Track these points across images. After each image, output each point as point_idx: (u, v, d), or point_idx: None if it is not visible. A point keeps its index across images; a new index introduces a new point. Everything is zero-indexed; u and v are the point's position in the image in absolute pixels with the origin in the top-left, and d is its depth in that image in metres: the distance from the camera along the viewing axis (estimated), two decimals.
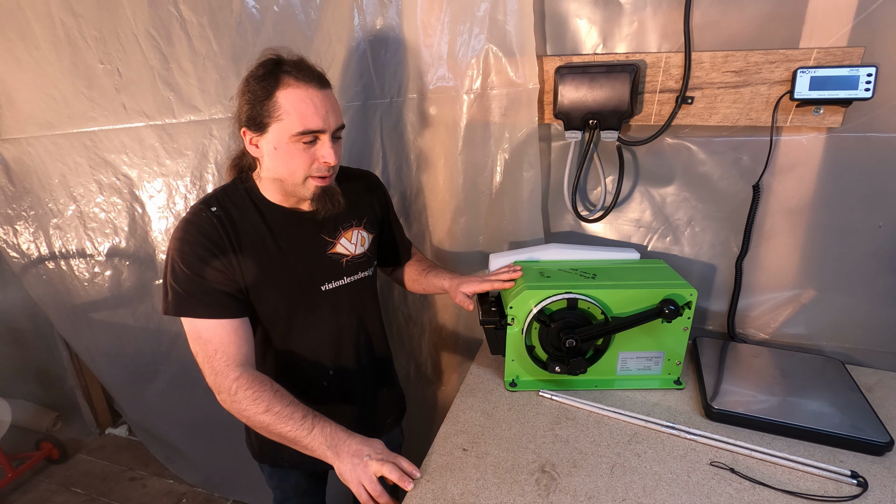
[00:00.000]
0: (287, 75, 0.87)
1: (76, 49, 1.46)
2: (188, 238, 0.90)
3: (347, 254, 1.05)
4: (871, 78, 0.90)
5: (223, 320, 0.90)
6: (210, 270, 0.90)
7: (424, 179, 1.33)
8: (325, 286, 1.02)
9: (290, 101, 0.86)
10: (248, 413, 0.87)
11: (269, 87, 0.86)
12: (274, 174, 0.93)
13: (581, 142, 1.16)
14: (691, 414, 0.97)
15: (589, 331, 0.97)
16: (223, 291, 0.91)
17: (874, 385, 1.02)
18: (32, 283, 1.95)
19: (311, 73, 0.89)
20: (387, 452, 0.85)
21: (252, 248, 0.94)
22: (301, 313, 1.01)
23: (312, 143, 0.89)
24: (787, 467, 0.83)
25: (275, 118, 0.87)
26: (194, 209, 0.93)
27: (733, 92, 1.02)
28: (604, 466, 0.84)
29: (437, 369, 1.58)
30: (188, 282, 0.89)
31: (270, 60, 0.89)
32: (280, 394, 0.88)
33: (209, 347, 0.89)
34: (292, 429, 0.85)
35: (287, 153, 0.89)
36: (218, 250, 0.90)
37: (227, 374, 0.88)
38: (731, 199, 1.11)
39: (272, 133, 0.88)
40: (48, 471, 2.28)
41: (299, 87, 0.86)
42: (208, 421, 1.89)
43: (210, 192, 0.98)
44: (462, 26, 1.13)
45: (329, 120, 0.89)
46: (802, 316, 1.13)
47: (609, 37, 1.08)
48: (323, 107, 0.88)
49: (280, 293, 0.98)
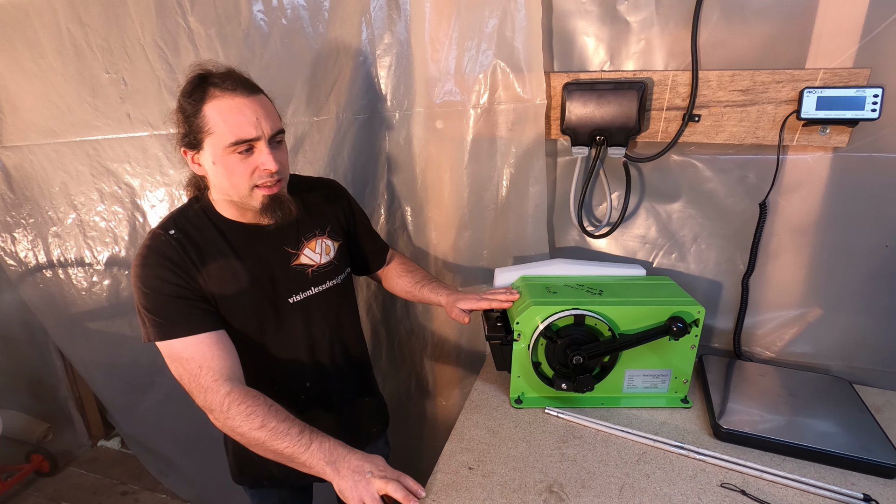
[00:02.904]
0: (213, 87, 0.85)
1: (82, 58, 1.46)
2: (149, 262, 0.88)
3: (312, 264, 1.03)
4: (877, 99, 0.91)
5: (200, 335, 0.87)
6: (176, 288, 0.88)
7: (430, 193, 1.33)
8: (293, 298, 1.00)
9: (217, 113, 0.84)
10: (243, 430, 0.83)
11: (197, 101, 0.85)
12: (220, 189, 0.91)
13: (587, 157, 1.17)
14: (699, 433, 0.95)
15: (596, 348, 0.96)
16: (194, 306, 0.89)
17: (882, 406, 1.01)
18: (29, 291, 1.93)
19: (238, 81, 0.86)
20: (389, 469, 0.83)
21: (215, 266, 0.92)
22: (271, 328, 0.99)
23: (249, 151, 0.87)
24: (798, 490, 0.81)
25: (206, 132, 0.85)
26: (152, 235, 0.91)
27: (740, 110, 1.02)
28: (613, 487, 0.83)
29: (438, 384, 1.56)
30: (157, 304, 0.87)
31: (197, 76, 0.87)
32: (275, 409, 0.85)
33: (192, 366, 0.86)
34: (289, 445, 0.81)
35: (226, 166, 0.87)
36: (181, 270, 0.88)
37: (216, 389, 0.85)
38: (737, 216, 1.11)
39: (207, 148, 0.87)
40: (38, 484, 2.24)
41: (225, 96, 0.84)
42: (203, 434, 1.85)
43: (167, 215, 0.96)
44: (470, 42, 1.14)
45: (262, 126, 0.86)
46: (809, 335, 1.13)
47: (616, 54, 1.09)
48: (253, 113, 0.85)
49: (248, 309, 0.96)
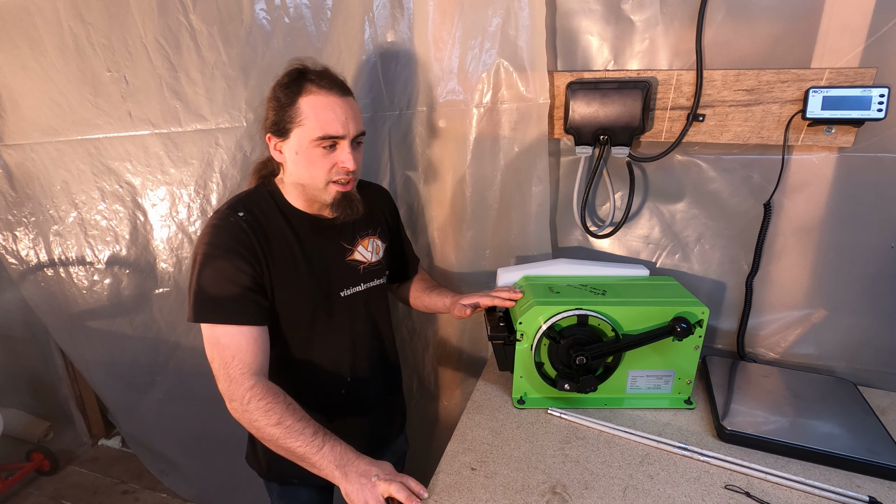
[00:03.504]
0: (310, 83, 0.91)
1: (83, 56, 1.46)
2: (218, 242, 0.91)
3: (364, 261, 1.07)
4: (883, 98, 0.91)
5: (244, 327, 0.90)
6: (240, 274, 0.90)
7: (432, 192, 1.33)
8: (344, 292, 1.04)
9: (311, 107, 0.90)
10: (259, 424, 0.85)
11: (293, 94, 0.90)
12: (296, 179, 0.96)
13: (591, 157, 1.16)
14: (703, 434, 0.95)
15: (600, 348, 0.95)
16: (250, 297, 0.91)
17: (887, 407, 1.01)
18: (30, 290, 1.93)
19: (334, 82, 0.92)
20: (394, 473, 0.83)
21: (279, 253, 0.95)
22: (322, 319, 1.02)
23: (332, 148, 0.92)
24: (803, 492, 0.81)
25: (296, 123, 0.90)
26: (221, 214, 0.94)
27: (745, 110, 1.02)
28: (616, 489, 0.82)
29: (440, 384, 1.56)
30: (216, 286, 0.90)
31: (296, 70, 0.93)
32: (292, 408, 0.87)
33: (226, 353, 0.88)
34: (302, 444, 0.83)
35: (308, 158, 0.92)
36: (248, 253, 0.91)
37: (241, 381, 0.87)
38: (741, 216, 1.11)
39: (294, 138, 0.92)
40: (38, 483, 2.23)
41: (320, 93, 0.90)
42: (204, 434, 1.86)
43: (234, 197, 0.99)
44: (473, 41, 1.13)
45: (349, 126, 0.92)
46: (813, 336, 1.12)
47: (620, 53, 1.08)
48: (343, 113, 0.91)
49: (303, 298, 0.99)
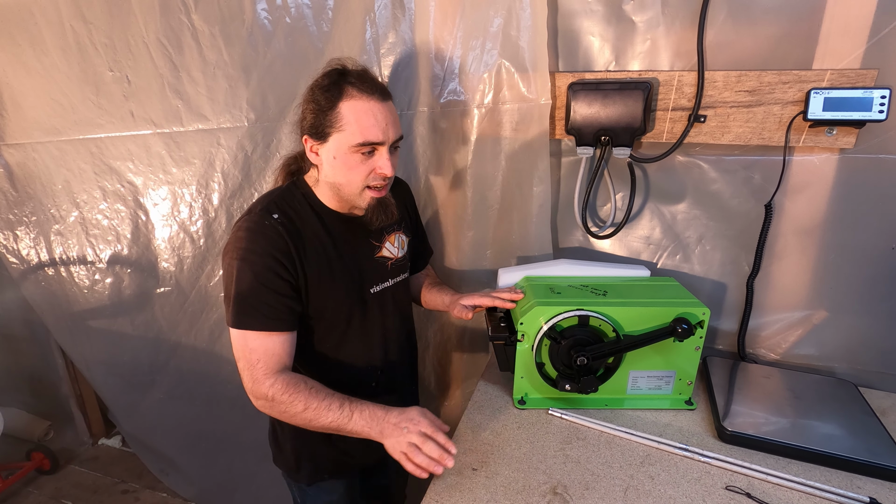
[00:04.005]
0: (351, 86, 0.88)
1: (85, 56, 1.46)
2: (255, 248, 0.90)
3: (392, 257, 1.07)
4: (884, 100, 0.91)
5: (274, 333, 0.91)
6: (276, 280, 0.90)
7: (433, 192, 1.33)
8: (374, 289, 1.05)
9: (352, 113, 0.88)
10: (288, 414, 0.90)
11: (333, 97, 0.88)
12: (332, 181, 0.94)
13: (592, 158, 1.16)
14: (704, 435, 0.95)
15: (601, 349, 0.95)
16: (285, 303, 0.92)
17: (888, 409, 1.01)
18: (31, 289, 1.93)
19: (374, 85, 0.90)
20: (423, 423, 0.86)
21: (315, 255, 0.95)
22: (356, 317, 1.02)
23: (371, 153, 0.91)
24: (804, 493, 0.81)
25: (336, 128, 0.89)
26: (255, 217, 0.92)
27: (746, 111, 1.02)
28: (617, 489, 0.82)
29: (440, 384, 1.56)
30: (252, 292, 0.89)
31: (335, 70, 0.91)
32: (314, 390, 0.90)
33: (253, 356, 0.90)
34: (333, 419, 0.88)
35: (346, 163, 0.91)
36: (284, 258, 0.91)
37: (263, 381, 0.90)
38: (742, 217, 1.11)
39: (332, 142, 0.90)
40: (38, 482, 2.23)
41: (362, 98, 0.88)
42: (204, 433, 1.86)
43: (265, 197, 0.98)
44: (475, 41, 1.13)
45: (388, 132, 0.90)
46: (814, 337, 1.12)
47: (622, 54, 1.09)
48: (384, 119, 0.89)
49: (339, 297, 0.99)
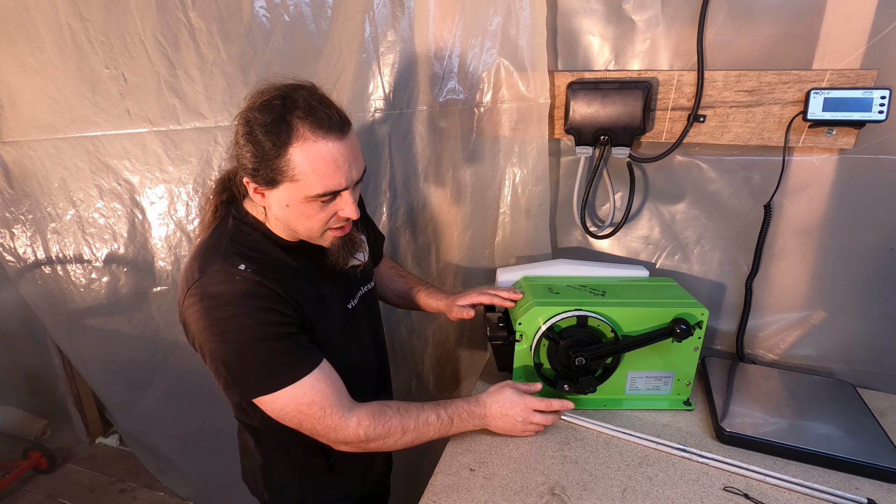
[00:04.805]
0: (301, 124, 0.71)
1: (82, 53, 1.45)
2: (242, 311, 0.75)
3: (359, 263, 0.97)
4: (884, 100, 0.91)
5: (314, 371, 0.79)
6: (284, 327, 0.78)
7: (432, 192, 1.32)
8: (351, 303, 0.96)
9: (307, 160, 0.71)
10: (388, 445, 0.86)
11: (280, 141, 0.71)
12: (285, 225, 0.82)
13: (591, 157, 1.16)
14: (702, 436, 0.95)
15: (599, 349, 0.95)
16: (302, 340, 0.81)
17: (886, 409, 1.01)
18: (27, 288, 1.92)
19: (329, 118, 0.72)
20: (531, 402, 0.92)
21: (299, 292, 0.82)
22: (348, 335, 0.95)
23: (332, 199, 0.77)
24: (802, 494, 0.81)
25: (287, 178, 0.72)
26: (221, 279, 0.76)
27: (745, 111, 1.02)
28: (615, 490, 0.82)
29: (438, 384, 1.56)
30: (268, 352, 0.77)
31: (277, 101, 0.71)
32: (401, 409, 0.86)
33: (314, 409, 0.79)
34: (435, 432, 0.88)
35: (301, 212, 0.77)
36: (279, 303, 0.78)
37: (345, 425, 0.81)
38: (742, 218, 1.11)
39: (283, 191, 0.74)
40: (35, 481, 2.23)
41: (317, 141, 0.71)
42: (202, 433, 1.86)
43: (211, 249, 0.81)
44: (474, 40, 1.13)
45: (351, 173, 0.76)
46: (812, 337, 1.12)
47: (621, 53, 1.08)
48: (345, 161, 0.74)
49: (334, 326, 0.90)
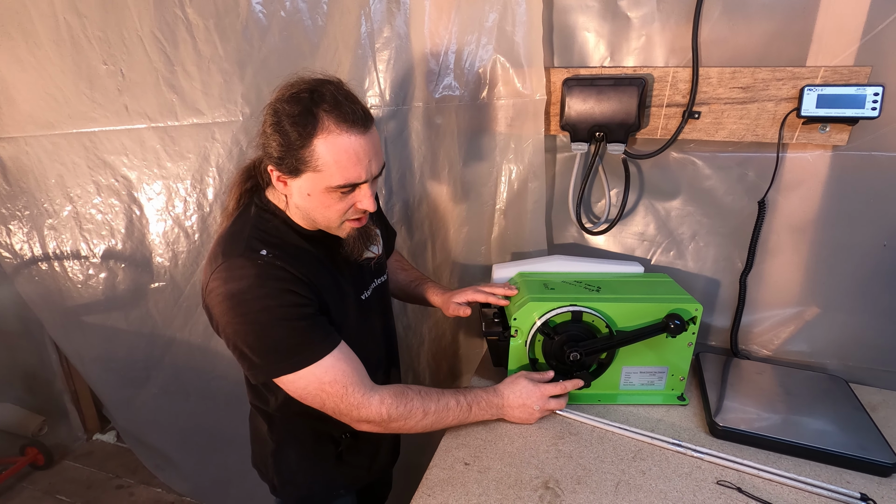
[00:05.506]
0: (327, 117, 0.75)
1: (79, 49, 1.45)
2: (263, 293, 0.79)
3: (373, 255, 0.99)
4: (877, 97, 0.91)
5: (335, 351, 0.82)
6: (304, 309, 0.81)
7: (428, 188, 1.32)
8: (364, 294, 0.99)
9: (330, 152, 0.75)
10: (409, 426, 0.88)
11: (306, 132, 0.75)
12: (305, 213, 0.85)
13: (587, 154, 1.16)
14: (695, 431, 0.95)
15: (594, 344, 0.96)
16: (322, 320, 0.84)
17: (878, 404, 1.02)
18: (24, 284, 1.92)
19: (354, 113, 0.76)
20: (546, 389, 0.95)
21: (317, 278, 0.85)
22: (359, 322, 0.97)
23: (351, 190, 0.81)
24: (794, 488, 0.81)
25: (310, 167, 0.77)
26: (242, 263, 0.80)
27: (740, 108, 1.02)
28: (608, 484, 0.83)
29: (434, 380, 1.56)
30: (292, 332, 0.80)
31: (306, 94, 0.76)
32: (423, 392, 0.89)
33: (336, 388, 0.82)
34: (454, 418, 0.91)
35: (321, 202, 0.81)
36: (299, 285, 0.81)
37: (368, 404, 0.84)
38: (736, 214, 1.11)
39: (306, 180, 0.79)
40: (32, 477, 2.23)
41: (341, 133, 0.75)
42: (199, 429, 1.86)
43: (235, 235, 0.85)
44: (470, 36, 1.13)
45: (371, 167, 0.80)
46: (806, 333, 1.13)
47: (617, 50, 1.09)
48: (366, 155, 0.78)
49: (350, 316, 0.93)
